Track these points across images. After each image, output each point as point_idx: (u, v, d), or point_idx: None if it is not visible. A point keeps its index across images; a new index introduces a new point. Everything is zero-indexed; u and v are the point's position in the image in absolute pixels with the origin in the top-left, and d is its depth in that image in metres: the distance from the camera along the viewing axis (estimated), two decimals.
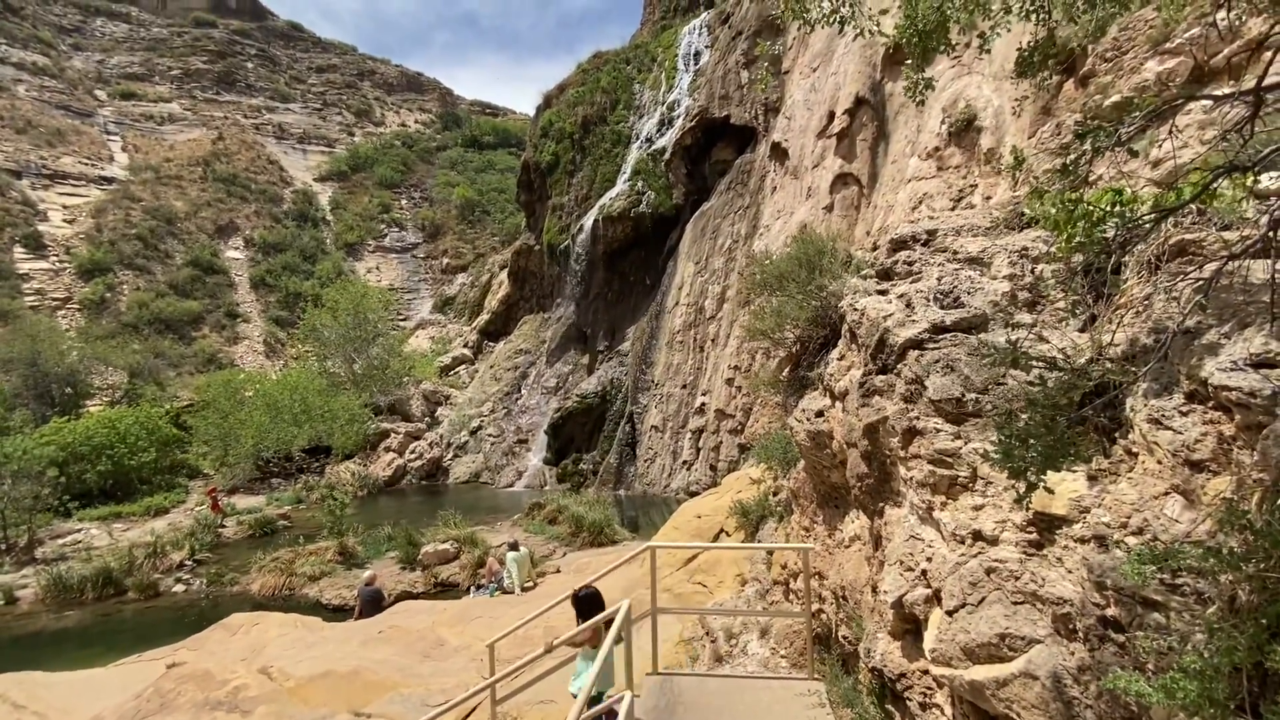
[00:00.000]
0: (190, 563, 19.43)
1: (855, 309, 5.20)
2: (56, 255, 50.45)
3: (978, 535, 3.34)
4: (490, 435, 34.39)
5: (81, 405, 35.36)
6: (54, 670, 11.27)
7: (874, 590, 4.59)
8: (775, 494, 9.71)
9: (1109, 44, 9.46)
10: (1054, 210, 3.27)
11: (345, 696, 8.42)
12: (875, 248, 6.60)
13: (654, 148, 34.15)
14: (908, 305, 4.74)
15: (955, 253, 5.31)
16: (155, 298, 50.26)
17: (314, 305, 40.81)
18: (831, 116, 23.28)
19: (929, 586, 3.58)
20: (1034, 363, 3.18)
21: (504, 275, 47.98)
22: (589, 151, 38.26)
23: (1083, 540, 2.84)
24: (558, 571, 15.83)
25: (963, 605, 3.14)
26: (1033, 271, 4.96)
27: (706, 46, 36.06)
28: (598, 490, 26.39)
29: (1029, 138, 11.70)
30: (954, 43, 3.95)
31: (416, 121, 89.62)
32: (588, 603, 5.77)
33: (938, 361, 4.18)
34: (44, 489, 21.84)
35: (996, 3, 3.62)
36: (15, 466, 21.08)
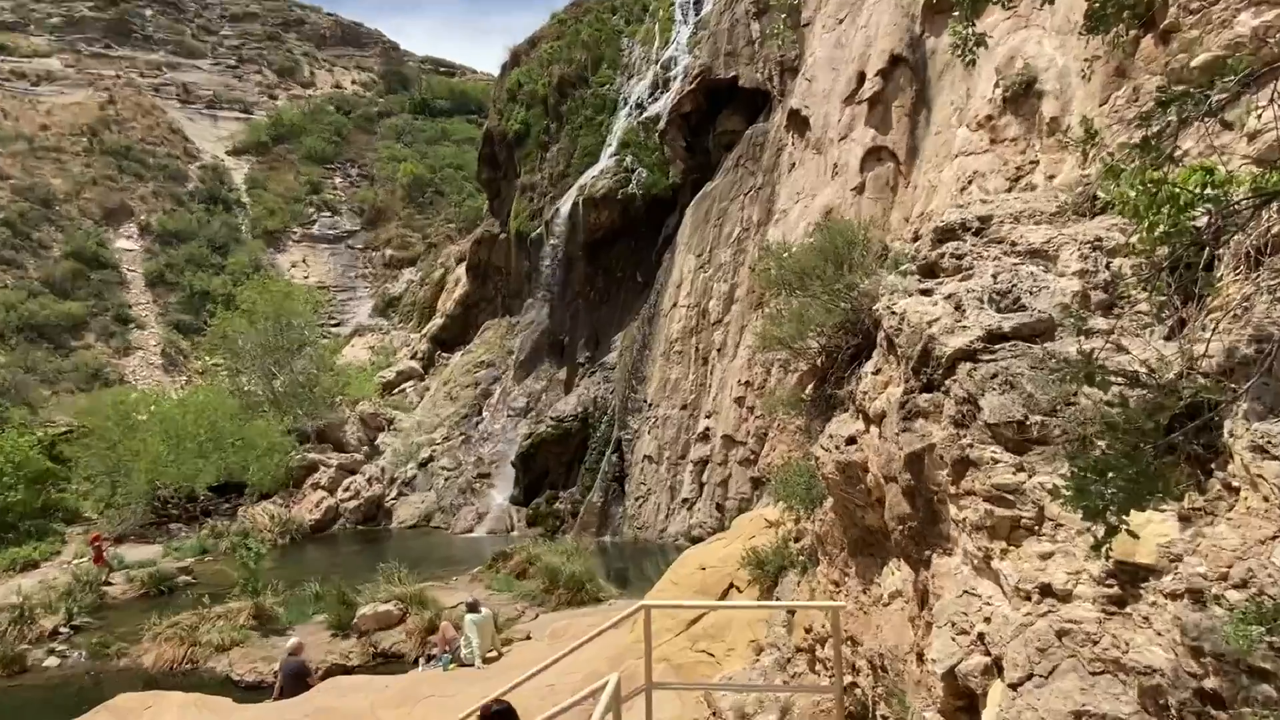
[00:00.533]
0: (67, 629, 19.25)
1: (893, 312, 5.28)
2: None
3: (1046, 590, 3.37)
4: (444, 468, 34.23)
5: None
6: None
7: (920, 658, 4.59)
8: (797, 540, 9.73)
9: None
10: (1133, 193, 3.32)
11: None
12: (916, 238, 6.68)
13: (646, 115, 34.44)
14: (957, 308, 4.81)
15: (1014, 244, 5.40)
16: (26, 298, 49.81)
17: (225, 308, 40.58)
18: (862, 78, 23.60)
19: (988, 653, 3.60)
20: (1112, 378, 3.21)
21: (461, 270, 48.03)
22: (567, 119, 38.50)
23: (1174, 595, 2.87)
24: (528, 638, 15.77)
25: (1029, 676, 3.15)
26: (1108, 267, 5.04)
27: None
28: (578, 536, 26.32)
29: (1100, 105, 11.89)
30: None
31: (354, 82, 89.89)
32: None
33: (995, 376, 4.23)
34: None
35: None
36: None
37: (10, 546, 26.95)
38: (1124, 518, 2.47)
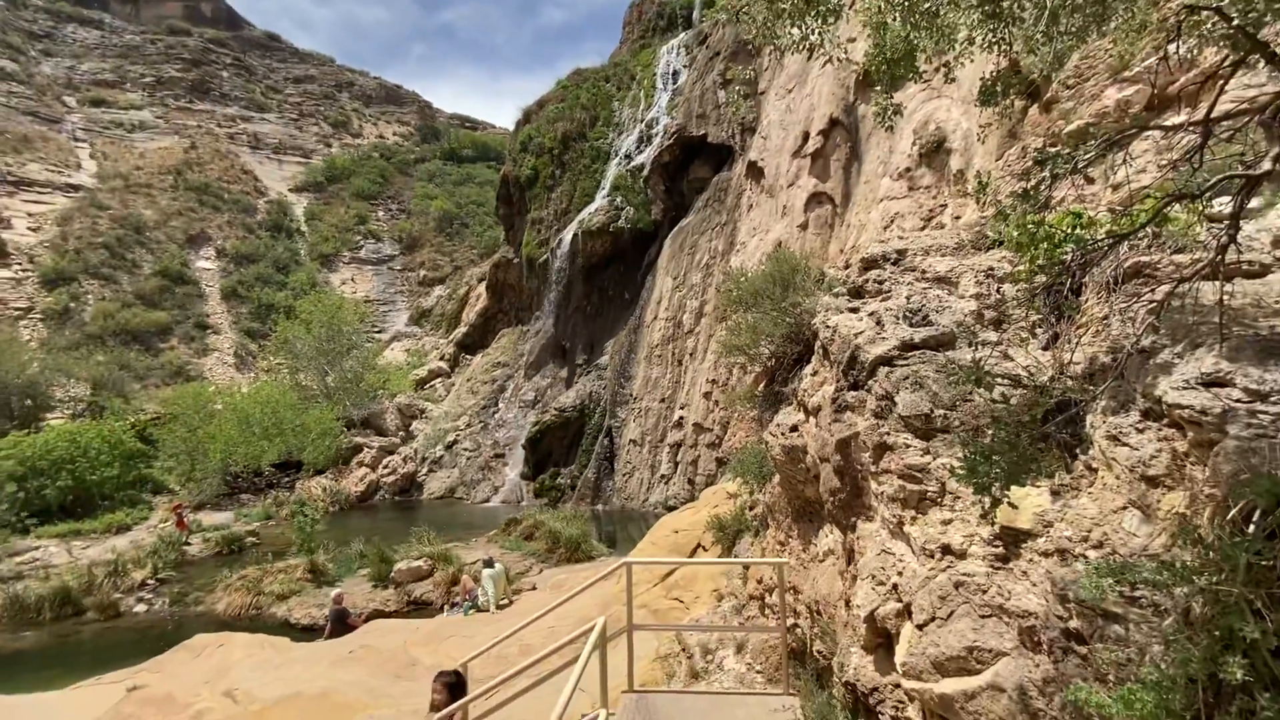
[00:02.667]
0: (153, 582, 18.88)
1: (828, 326, 5.28)
2: (19, 264, 48.95)
3: (946, 549, 3.39)
4: (466, 449, 34.01)
5: (41, 418, 34.19)
6: (9, 693, 10.81)
7: (847, 605, 4.61)
8: (751, 508, 9.74)
9: (1071, 72, 9.81)
10: (1016, 233, 3.37)
11: (314, 719, 8.18)
12: (847, 266, 6.73)
13: (633, 164, 34.44)
14: (878, 323, 4.82)
15: (924, 272, 5.43)
16: (121, 308, 48.97)
17: (287, 317, 40.19)
18: (806, 137, 23.78)
19: (900, 600, 3.61)
20: (998, 380, 3.26)
21: (482, 288, 47.79)
22: (568, 166, 38.45)
23: (1046, 554, 2.90)
24: (534, 588, 15.70)
25: (932, 619, 3.17)
26: (998, 291, 5.09)
27: (685, 66, 36.60)
28: (575, 505, 26.24)
29: (996, 160, 12.07)
30: (921, 70, 4.09)
31: (395, 134, 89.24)
32: (454, 692, 5.30)
33: (907, 378, 4.26)
34: (1, 505, 21.02)
35: (961, 33, 3.75)
36: None
37: (106, 513, 26.49)
38: (1006, 491, 2.50)
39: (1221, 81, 3.55)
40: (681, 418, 25.99)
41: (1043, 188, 3.45)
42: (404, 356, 51.83)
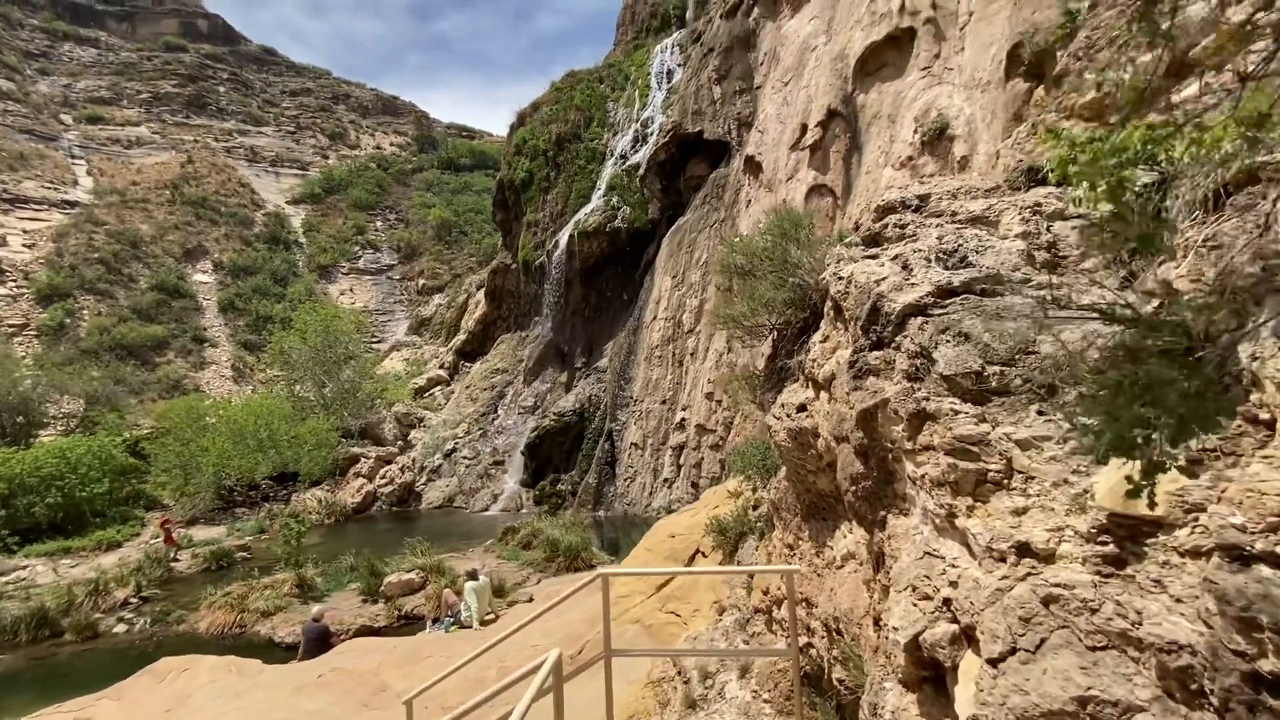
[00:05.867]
0: (136, 600, 18.14)
1: (840, 277, 4.26)
2: (14, 280, 48.38)
3: (1024, 549, 2.34)
4: (465, 458, 33.06)
5: (34, 434, 33.50)
6: None
7: (877, 624, 3.59)
8: (755, 507, 8.73)
9: (1081, 43, 8.97)
10: (1082, 138, 2.42)
11: None
12: (857, 227, 5.77)
13: (629, 164, 33.64)
14: (904, 267, 3.83)
15: (954, 214, 4.46)
16: (117, 323, 48.30)
17: (283, 328, 39.43)
18: (804, 129, 22.95)
19: (956, 621, 2.59)
20: (1080, 313, 2.29)
21: (481, 295, 46.99)
22: (563, 168, 37.67)
23: (1196, 553, 1.88)
24: (530, 600, 14.76)
25: (1012, 650, 2.16)
26: (1049, 229, 4.14)
27: (679, 64, 35.88)
28: (576, 512, 25.27)
29: (1003, 141, 11.30)
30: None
31: (392, 144, 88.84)
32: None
33: (947, 330, 3.28)
34: None
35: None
36: None
37: (97, 530, 25.65)
38: (1171, 451, 1.49)
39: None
40: (683, 419, 25.01)
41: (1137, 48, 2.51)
42: (403, 365, 51.00)
